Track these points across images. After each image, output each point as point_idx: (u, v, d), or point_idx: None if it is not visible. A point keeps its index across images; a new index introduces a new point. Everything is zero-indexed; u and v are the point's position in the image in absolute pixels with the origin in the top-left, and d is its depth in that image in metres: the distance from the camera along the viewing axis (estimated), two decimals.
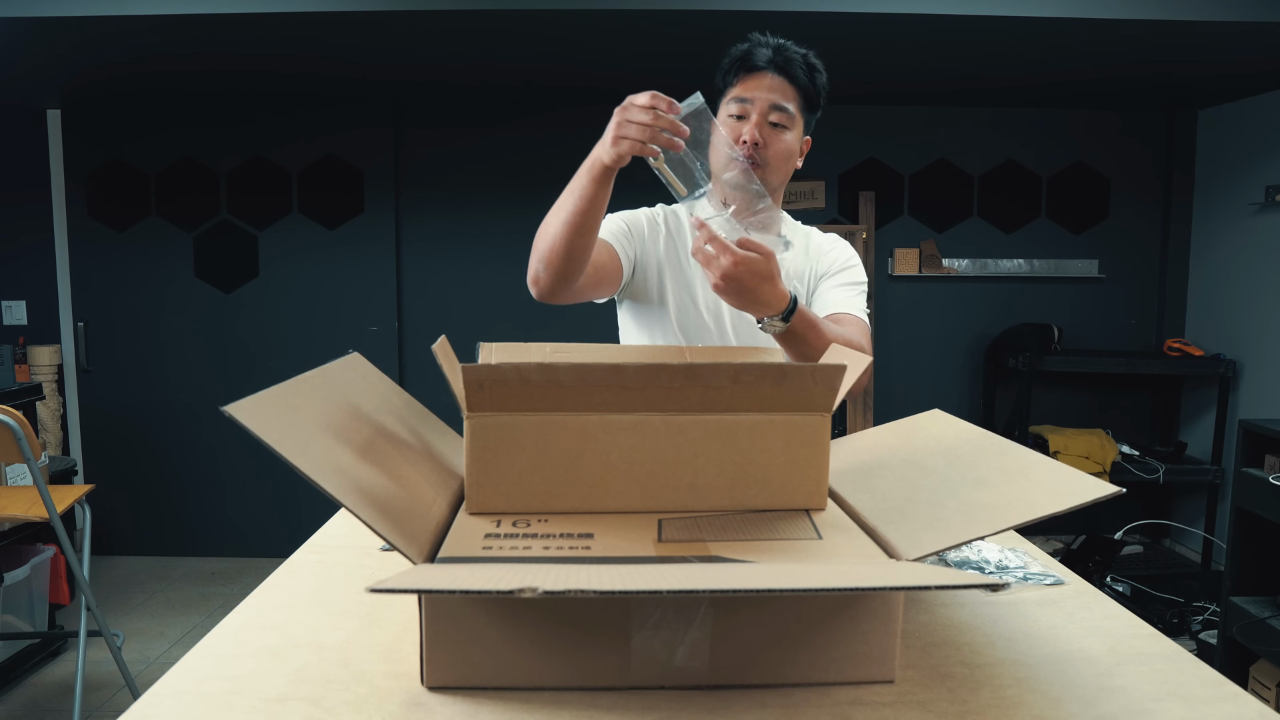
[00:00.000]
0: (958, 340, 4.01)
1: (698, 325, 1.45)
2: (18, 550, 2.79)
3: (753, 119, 1.34)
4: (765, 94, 1.33)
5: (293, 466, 0.64)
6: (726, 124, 1.36)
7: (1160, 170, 3.95)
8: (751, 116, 1.34)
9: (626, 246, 1.42)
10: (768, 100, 1.33)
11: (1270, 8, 2.53)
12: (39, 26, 2.58)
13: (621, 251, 1.41)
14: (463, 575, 0.60)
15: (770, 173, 1.36)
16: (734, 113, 1.35)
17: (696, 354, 1.29)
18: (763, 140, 1.34)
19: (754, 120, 1.34)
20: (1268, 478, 2.37)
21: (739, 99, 1.35)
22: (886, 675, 0.70)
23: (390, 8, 2.51)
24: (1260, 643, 2.37)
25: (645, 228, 1.45)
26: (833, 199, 3.94)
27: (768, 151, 1.34)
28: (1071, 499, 0.67)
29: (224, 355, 3.90)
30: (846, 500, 0.88)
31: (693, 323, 1.45)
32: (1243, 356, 3.59)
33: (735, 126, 1.35)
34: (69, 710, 2.43)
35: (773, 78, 1.34)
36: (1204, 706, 0.68)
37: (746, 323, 1.42)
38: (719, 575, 0.61)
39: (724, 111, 1.38)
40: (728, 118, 1.36)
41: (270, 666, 0.73)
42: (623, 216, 1.45)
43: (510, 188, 3.87)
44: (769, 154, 1.35)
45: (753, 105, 1.34)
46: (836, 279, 1.47)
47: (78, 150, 3.82)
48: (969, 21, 2.57)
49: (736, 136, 1.34)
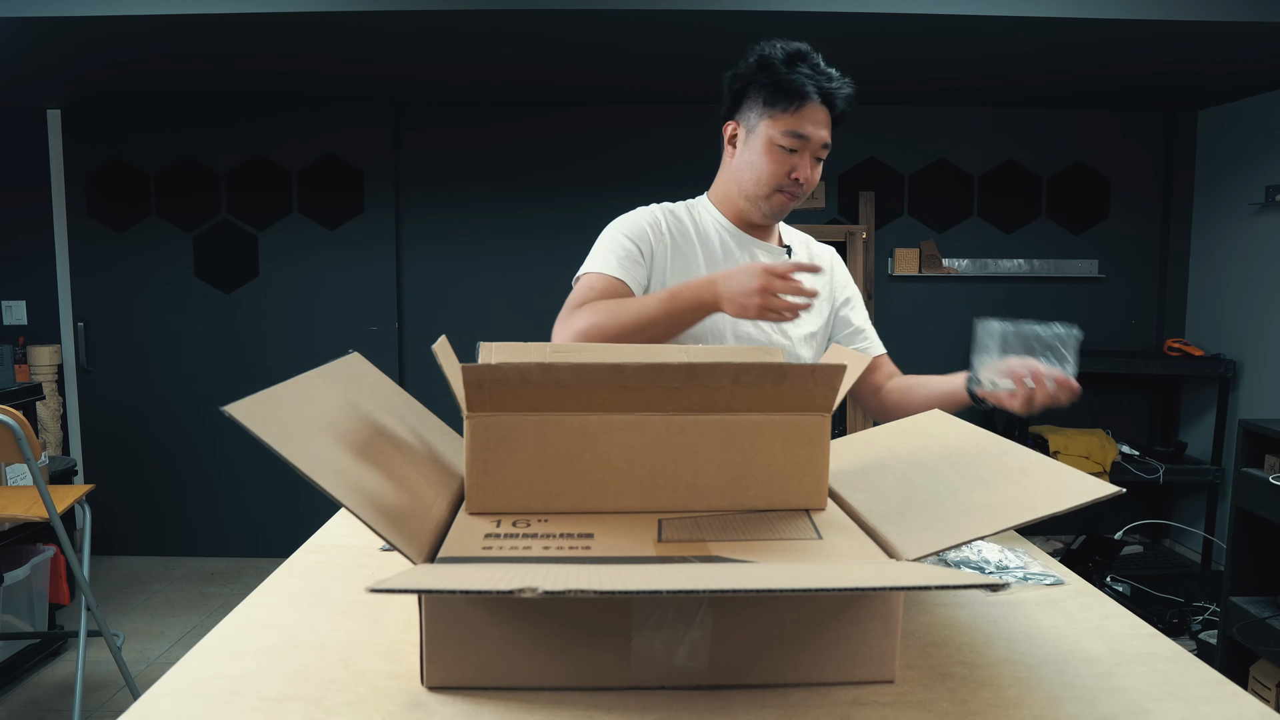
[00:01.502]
0: (958, 340, 4.01)
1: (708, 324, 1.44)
2: (18, 550, 2.79)
3: (806, 157, 1.35)
4: (820, 133, 1.34)
5: (293, 466, 0.64)
6: (777, 154, 1.35)
7: (1160, 170, 3.95)
8: (805, 154, 1.35)
9: (638, 274, 1.39)
10: (820, 139, 1.35)
11: (1270, 8, 2.53)
12: (39, 26, 2.58)
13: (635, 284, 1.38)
14: (463, 575, 0.60)
15: (801, 201, 1.41)
16: (787, 146, 1.34)
17: (696, 354, 1.29)
18: (811, 179, 1.37)
19: (808, 159, 1.35)
20: (1268, 478, 2.37)
21: (796, 134, 1.33)
22: (886, 675, 0.70)
23: (391, 8, 2.51)
24: (1260, 643, 2.37)
25: (652, 241, 1.42)
26: (833, 199, 3.94)
27: (809, 185, 1.38)
28: (1071, 499, 0.67)
29: (224, 355, 3.90)
30: (846, 500, 0.88)
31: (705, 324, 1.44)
32: (1243, 356, 3.59)
33: (787, 160, 1.35)
34: (69, 710, 2.43)
35: (824, 113, 1.34)
36: (1204, 706, 0.68)
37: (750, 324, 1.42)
38: (719, 575, 0.61)
39: (774, 140, 1.34)
40: (778, 148, 1.35)
41: (270, 666, 0.73)
42: (630, 237, 1.41)
43: (510, 188, 3.87)
44: (809, 188, 1.38)
45: (808, 143, 1.34)
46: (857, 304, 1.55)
47: (78, 150, 3.82)
48: (969, 21, 2.57)
49: (788, 171, 1.35)
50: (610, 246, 1.39)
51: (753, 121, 1.37)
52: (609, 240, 1.40)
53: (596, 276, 1.36)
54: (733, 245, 1.44)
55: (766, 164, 1.35)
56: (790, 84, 1.31)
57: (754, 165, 1.37)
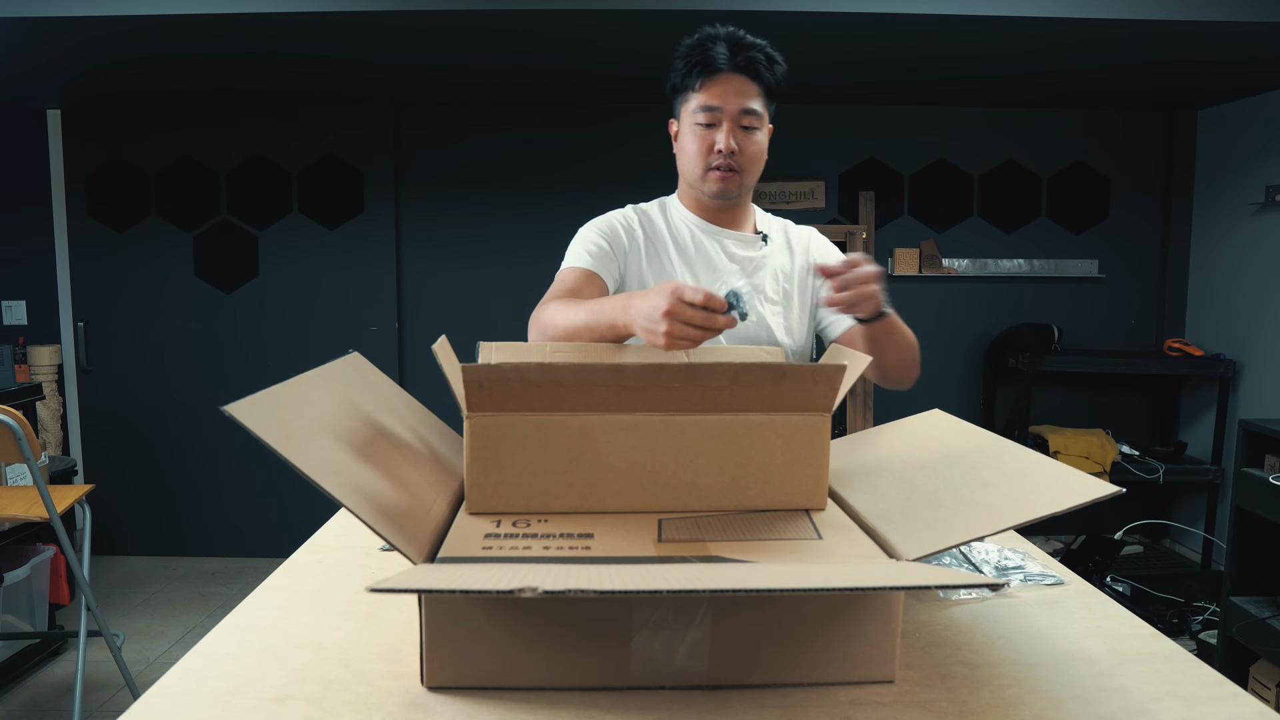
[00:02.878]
0: (958, 340, 4.01)
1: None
2: (18, 550, 2.79)
3: (725, 127, 1.33)
4: (734, 99, 1.32)
5: (293, 466, 0.64)
6: (695, 132, 1.35)
7: (1160, 170, 3.95)
8: (723, 124, 1.33)
9: (611, 267, 1.40)
10: (737, 105, 1.32)
11: (1270, 8, 2.53)
12: (39, 26, 2.58)
13: (608, 276, 1.39)
14: (463, 575, 0.60)
15: (747, 176, 1.37)
16: (703, 121, 1.34)
17: (696, 354, 1.29)
18: (738, 146, 1.33)
19: (726, 129, 1.32)
20: (1268, 478, 2.37)
21: (707, 107, 1.32)
22: (886, 675, 0.70)
23: (390, 8, 2.51)
24: (1260, 643, 2.37)
25: (624, 238, 1.43)
26: (833, 199, 3.94)
27: (743, 157, 1.35)
28: (1071, 499, 0.67)
29: (224, 355, 3.90)
30: (846, 500, 0.88)
31: None
32: (1243, 356, 3.59)
33: (707, 135, 1.34)
34: (69, 710, 2.43)
35: (738, 80, 1.32)
36: (1204, 706, 0.68)
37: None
38: (719, 575, 0.61)
39: (689, 118, 1.36)
40: (695, 125, 1.35)
41: (270, 666, 0.73)
42: (602, 234, 1.42)
43: (510, 188, 3.87)
44: (744, 159, 1.35)
45: (722, 113, 1.32)
46: None
47: (78, 150, 3.82)
48: (969, 21, 2.57)
49: (710, 146, 1.34)
50: (583, 243, 1.42)
51: (679, 111, 1.39)
52: (582, 238, 1.43)
53: (569, 270, 1.38)
54: (702, 238, 1.44)
55: (690, 144, 1.36)
56: (693, 60, 1.33)
57: (684, 150, 1.39)
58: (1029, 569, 1.00)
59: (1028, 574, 0.99)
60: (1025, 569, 1.00)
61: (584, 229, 1.44)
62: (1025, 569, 1.00)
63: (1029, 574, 0.99)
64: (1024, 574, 0.99)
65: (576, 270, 1.37)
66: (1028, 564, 1.02)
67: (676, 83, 1.37)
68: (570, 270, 1.38)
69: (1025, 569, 1.00)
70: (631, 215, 1.46)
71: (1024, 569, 1.00)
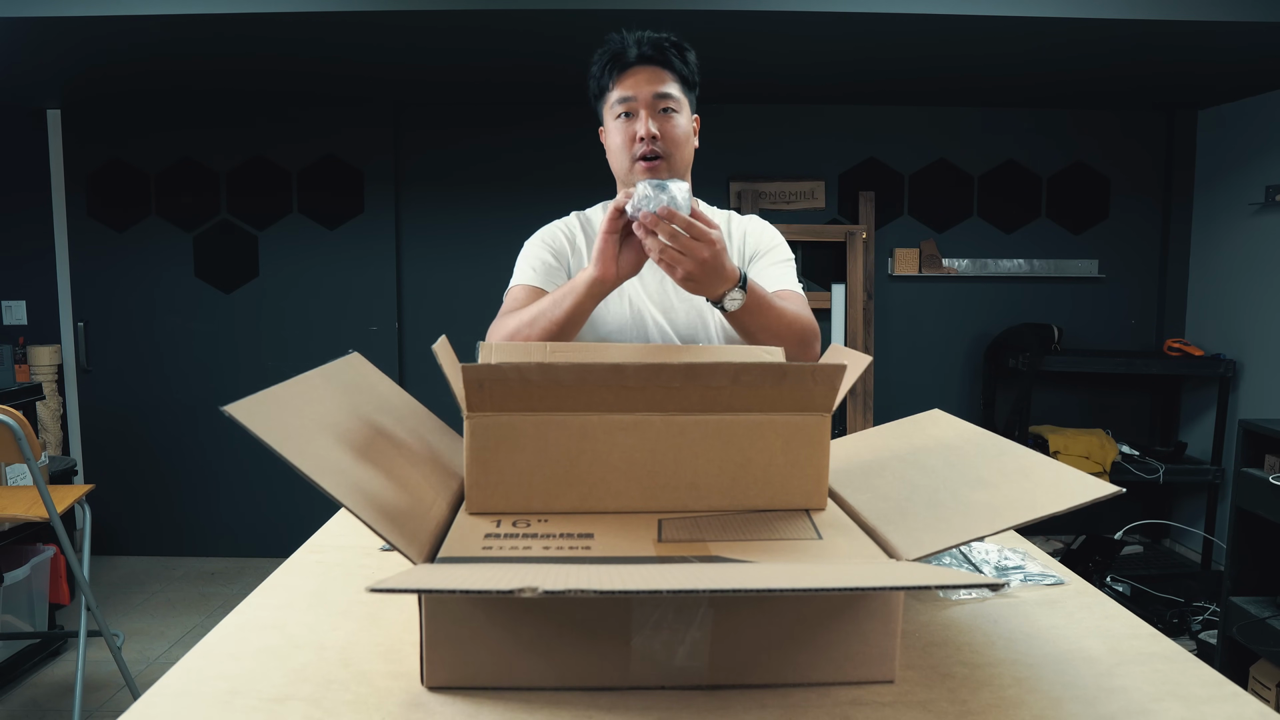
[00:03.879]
0: (958, 340, 4.01)
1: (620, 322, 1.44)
2: (18, 550, 2.79)
3: (642, 114, 1.35)
4: (647, 87, 1.35)
5: (293, 466, 0.64)
6: (616, 126, 1.38)
7: (1160, 170, 3.95)
8: (640, 112, 1.36)
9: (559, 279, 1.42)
10: (650, 91, 1.35)
11: (1270, 8, 2.53)
12: (39, 26, 2.58)
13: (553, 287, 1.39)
14: (463, 575, 0.60)
15: (675, 160, 1.38)
16: (621, 113, 1.37)
17: (697, 354, 1.29)
18: (659, 131, 1.35)
19: (644, 115, 1.35)
20: (1268, 478, 2.37)
21: (622, 99, 1.36)
22: (886, 675, 0.70)
23: (390, 8, 2.51)
24: (1260, 643, 2.37)
25: (567, 247, 1.46)
26: (833, 199, 3.94)
27: (666, 141, 1.36)
28: (1071, 499, 0.67)
29: (224, 355, 3.90)
30: (846, 500, 0.88)
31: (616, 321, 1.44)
32: (1243, 356, 3.59)
33: (628, 126, 1.37)
34: (69, 710, 2.43)
35: (649, 70, 1.36)
36: (1204, 706, 0.68)
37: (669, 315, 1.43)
38: (719, 575, 0.61)
39: (610, 115, 1.39)
40: (615, 119, 1.38)
41: (270, 666, 0.73)
42: (546, 247, 1.46)
43: (510, 188, 3.87)
44: (667, 143, 1.36)
45: (638, 100, 1.36)
46: (767, 259, 1.48)
47: (78, 150, 3.82)
48: (969, 21, 2.57)
49: (632, 136, 1.36)
50: (528, 260, 1.45)
51: (602, 115, 1.43)
52: (527, 254, 1.46)
53: (518, 288, 1.41)
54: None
55: (614, 138, 1.39)
56: (605, 60, 1.38)
57: (611, 148, 1.41)
58: (1029, 569, 1.00)
59: (1028, 574, 0.99)
60: (1025, 569, 1.00)
61: (528, 243, 1.48)
62: (1025, 569, 1.00)
63: (1029, 574, 0.99)
64: (1024, 574, 0.99)
65: (526, 288, 1.40)
66: (1028, 564, 1.02)
67: (594, 88, 1.42)
68: (520, 288, 1.41)
69: (1025, 569, 1.00)
70: (574, 222, 1.50)
71: (1024, 569, 1.00)
